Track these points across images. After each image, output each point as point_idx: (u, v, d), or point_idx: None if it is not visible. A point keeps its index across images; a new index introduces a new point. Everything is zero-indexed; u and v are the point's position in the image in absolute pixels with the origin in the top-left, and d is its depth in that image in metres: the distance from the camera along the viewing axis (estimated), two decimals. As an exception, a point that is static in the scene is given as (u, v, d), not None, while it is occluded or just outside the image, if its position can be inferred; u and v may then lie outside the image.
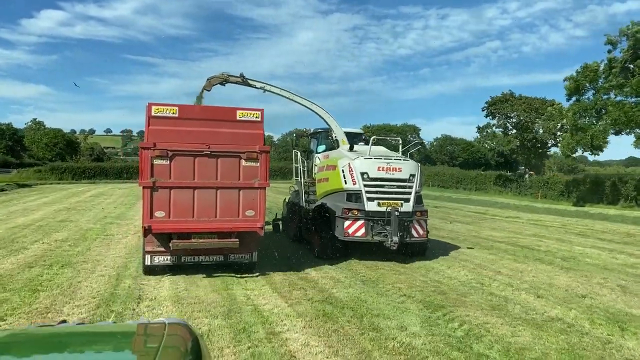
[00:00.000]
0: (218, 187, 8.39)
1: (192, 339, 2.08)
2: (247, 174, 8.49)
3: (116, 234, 13.46)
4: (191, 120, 8.36)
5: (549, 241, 14.54)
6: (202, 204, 8.31)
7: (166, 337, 2.05)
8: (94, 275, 8.67)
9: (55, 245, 11.50)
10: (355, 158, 10.53)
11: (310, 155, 13.73)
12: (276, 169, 48.48)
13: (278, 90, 11.77)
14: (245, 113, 8.56)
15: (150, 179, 8.06)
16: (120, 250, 11.10)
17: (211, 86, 11.35)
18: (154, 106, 8.17)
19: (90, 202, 24.09)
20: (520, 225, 18.95)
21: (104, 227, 14.83)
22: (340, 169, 10.60)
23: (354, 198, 10.34)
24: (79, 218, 17.11)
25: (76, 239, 12.39)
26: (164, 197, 8.14)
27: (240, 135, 8.48)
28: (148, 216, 8.07)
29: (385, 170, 10.42)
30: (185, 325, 2.27)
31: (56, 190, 34.03)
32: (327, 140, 12.77)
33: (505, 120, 44.63)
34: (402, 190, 10.49)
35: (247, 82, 11.47)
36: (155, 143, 8.07)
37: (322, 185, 11.48)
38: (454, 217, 21.52)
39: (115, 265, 9.46)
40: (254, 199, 8.54)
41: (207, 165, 8.33)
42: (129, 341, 2.24)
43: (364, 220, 10.14)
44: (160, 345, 1.93)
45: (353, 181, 10.36)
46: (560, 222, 20.80)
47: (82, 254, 10.46)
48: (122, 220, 16.65)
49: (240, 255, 8.85)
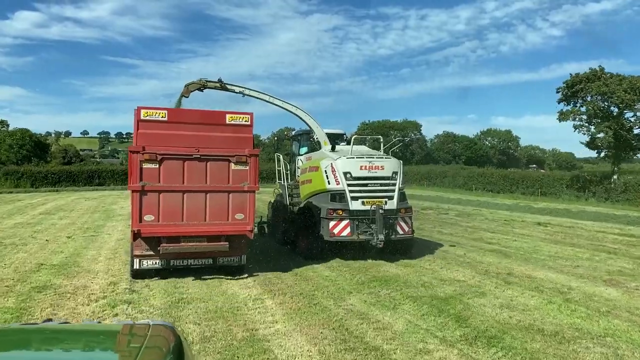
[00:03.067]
0: (207, 191, 8.42)
1: (176, 340, 2.08)
2: (237, 177, 8.54)
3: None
4: (180, 124, 8.37)
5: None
6: (191, 208, 8.33)
7: (149, 338, 2.07)
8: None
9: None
10: (338, 158, 10.65)
11: (293, 158, 13.81)
12: (268, 171, 42.66)
13: (257, 94, 11.84)
14: (234, 117, 8.62)
15: (140, 182, 8.04)
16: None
17: (189, 92, 11.32)
18: (143, 110, 8.15)
19: (34, 227, 15.49)
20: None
21: (18, 306, 6.94)
22: (323, 170, 10.72)
23: (338, 198, 10.46)
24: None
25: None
26: (153, 201, 8.13)
27: (229, 139, 8.54)
28: (137, 220, 8.04)
29: (368, 168, 10.58)
30: (169, 327, 2.28)
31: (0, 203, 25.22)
32: (309, 142, 12.87)
33: (595, 104, 32.26)
34: (385, 188, 10.66)
35: (225, 87, 11.50)
36: (144, 147, 8.05)
37: (306, 187, 11.59)
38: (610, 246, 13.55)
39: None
40: (243, 202, 8.60)
41: (197, 169, 8.35)
42: (112, 340, 2.24)
43: (349, 220, 10.27)
44: (143, 345, 1.94)
45: (336, 181, 10.49)
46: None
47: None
48: (67, 277, 8.74)
49: (230, 258, 8.89)
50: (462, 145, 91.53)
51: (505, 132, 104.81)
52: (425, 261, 10.89)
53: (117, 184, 40.09)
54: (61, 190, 36.97)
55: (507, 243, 13.71)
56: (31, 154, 61.12)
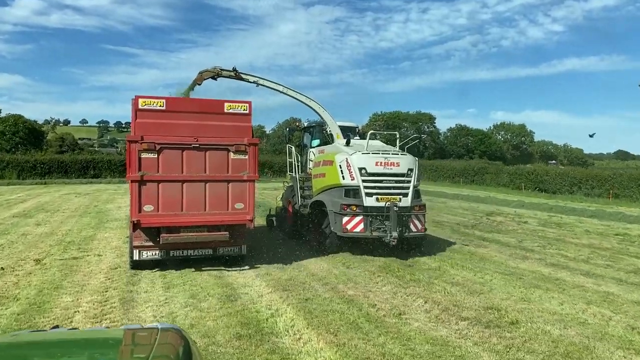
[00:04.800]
0: (207, 180, 8.36)
1: (184, 345, 2.07)
2: (236, 166, 8.48)
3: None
4: (179, 113, 8.29)
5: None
6: (191, 197, 8.28)
7: (158, 343, 2.06)
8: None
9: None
10: (353, 153, 10.48)
11: (304, 149, 13.59)
12: (272, 163, 40.65)
13: (271, 84, 11.70)
14: (233, 105, 8.53)
15: (138, 172, 7.96)
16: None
17: (202, 80, 11.15)
18: (140, 99, 8.05)
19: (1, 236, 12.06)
20: None
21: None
22: (337, 165, 10.55)
23: (352, 194, 10.31)
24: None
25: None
26: (153, 191, 8.07)
27: (228, 127, 8.46)
28: (136, 210, 7.99)
29: (384, 165, 10.42)
30: (177, 331, 2.27)
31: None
32: (321, 135, 12.69)
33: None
34: (400, 185, 10.50)
35: (240, 77, 11.33)
36: (143, 136, 7.97)
37: (319, 181, 11.41)
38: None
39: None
40: (243, 191, 8.55)
41: (196, 158, 8.28)
42: (120, 348, 2.22)
43: (362, 216, 10.11)
44: (152, 352, 1.93)
45: (351, 177, 10.33)
46: None
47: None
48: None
49: (230, 248, 8.87)
50: (476, 139, 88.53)
51: (518, 126, 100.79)
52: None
53: (115, 175, 35.51)
54: (50, 183, 32.09)
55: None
56: (25, 141, 56.22)
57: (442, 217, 17.80)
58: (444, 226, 15.46)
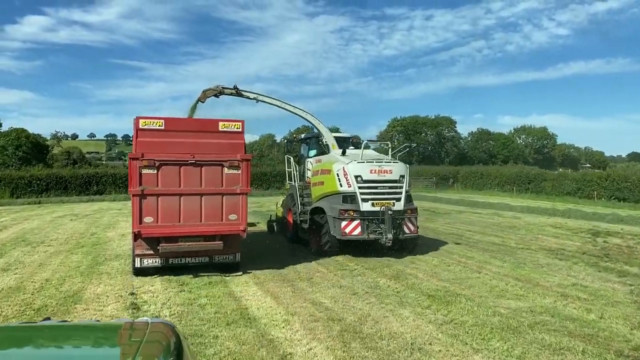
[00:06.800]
0: (202, 194, 9.05)
1: (175, 338, 2.09)
2: (230, 180, 9.18)
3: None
4: (176, 132, 9.01)
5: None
6: (188, 210, 8.96)
7: (148, 334, 2.09)
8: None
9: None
10: (349, 162, 11.31)
11: (301, 159, 14.41)
12: (274, 173, 37.32)
13: (269, 100, 12.49)
14: (227, 124, 9.25)
15: (139, 187, 8.67)
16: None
17: (206, 98, 11.95)
18: (141, 119, 8.79)
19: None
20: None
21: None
22: (335, 173, 11.38)
23: (350, 200, 11.15)
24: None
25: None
26: (152, 204, 8.77)
27: (222, 145, 9.17)
28: (138, 222, 8.68)
29: (377, 172, 11.26)
30: (168, 325, 2.30)
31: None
32: (318, 145, 13.48)
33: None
34: (393, 190, 11.35)
35: (240, 94, 12.13)
36: (143, 154, 8.68)
37: (318, 189, 12.23)
38: None
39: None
40: (236, 204, 9.23)
41: (192, 174, 8.99)
42: (111, 336, 2.28)
43: (359, 220, 10.95)
44: (140, 346, 1.94)
45: (348, 184, 11.16)
46: None
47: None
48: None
49: (225, 256, 9.53)
50: (498, 144, 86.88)
51: (540, 129, 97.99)
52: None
53: (120, 191, 32.15)
54: (45, 202, 28.17)
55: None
56: (29, 156, 53.85)
57: (547, 241, 14.04)
58: (574, 255, 11.65)
